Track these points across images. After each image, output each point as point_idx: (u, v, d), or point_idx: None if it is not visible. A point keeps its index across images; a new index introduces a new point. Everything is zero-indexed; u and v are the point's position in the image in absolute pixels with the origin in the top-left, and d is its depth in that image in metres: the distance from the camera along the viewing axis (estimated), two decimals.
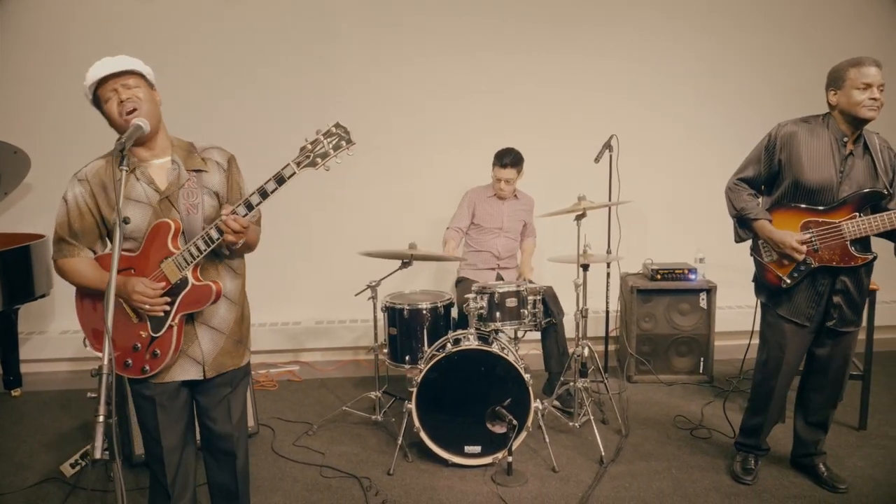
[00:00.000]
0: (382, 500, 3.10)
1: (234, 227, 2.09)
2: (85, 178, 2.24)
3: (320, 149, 2.07)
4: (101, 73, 2.11)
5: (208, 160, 2.30)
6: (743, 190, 3.08)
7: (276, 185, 2.08)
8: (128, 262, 2.21)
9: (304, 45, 4.92)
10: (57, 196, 4.79)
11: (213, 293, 2.19)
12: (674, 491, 3.15)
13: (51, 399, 4.43)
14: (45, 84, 4.77)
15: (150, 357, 2.21)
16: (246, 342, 2.44)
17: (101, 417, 1.63)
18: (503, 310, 3.56)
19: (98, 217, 2.24)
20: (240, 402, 2.45)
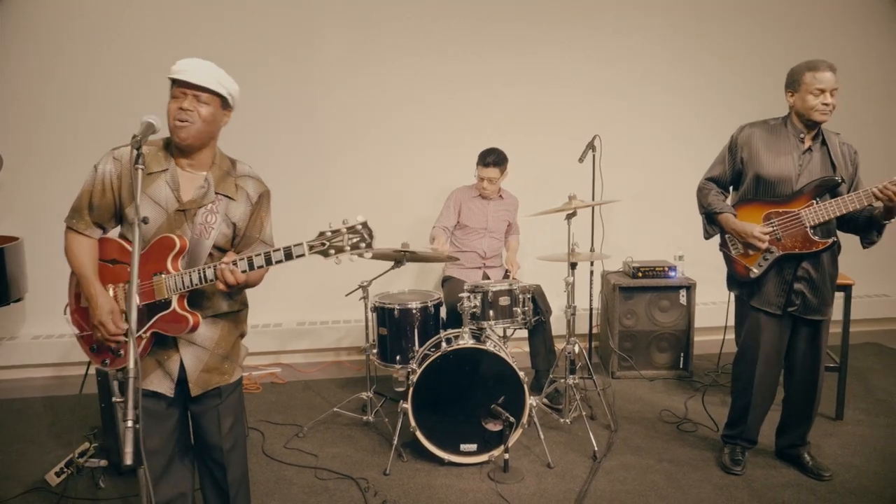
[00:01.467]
0: (382, 501, 3.09)
1: (229, 279, 2.07)
2: (120, 158, 2.20)
3: (338, 241, 2.03)
4: (182, 76, 2.08)
5: (240, 189, 2.27)
6: (710, 188, 3.26)
7: (283, 258, 2.06)
8: (126, 257, 2.19)
9: (288, 44, 4.88)
10: (26, 198, 4.69)
11: (189, 325, 2.14)
12: (667, 483, 3.22)
13: (25, 406, 4.29)
14: (15, 83, 4.62)
15: (113, 353, 2.20)
16: (235, 358, 2.37)
17: (129, 422, 1.58)
18: (496, 308, 3.59)
19: (117, 198, 2.20)
20: (230, 413, 2.38)
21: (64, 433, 3.88)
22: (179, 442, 2.35)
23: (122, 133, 4.61)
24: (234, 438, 2.38)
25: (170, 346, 2.21)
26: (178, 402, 2.29)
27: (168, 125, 2.12)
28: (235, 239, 2.30)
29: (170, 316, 2.11)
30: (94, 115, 4.71)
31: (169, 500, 2.35)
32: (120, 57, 4.71)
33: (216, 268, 2.07)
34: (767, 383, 3.28)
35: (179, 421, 2.34)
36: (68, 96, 4.70)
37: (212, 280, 2.08)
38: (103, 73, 4.72)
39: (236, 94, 2.20)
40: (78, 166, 4.66)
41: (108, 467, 3.35)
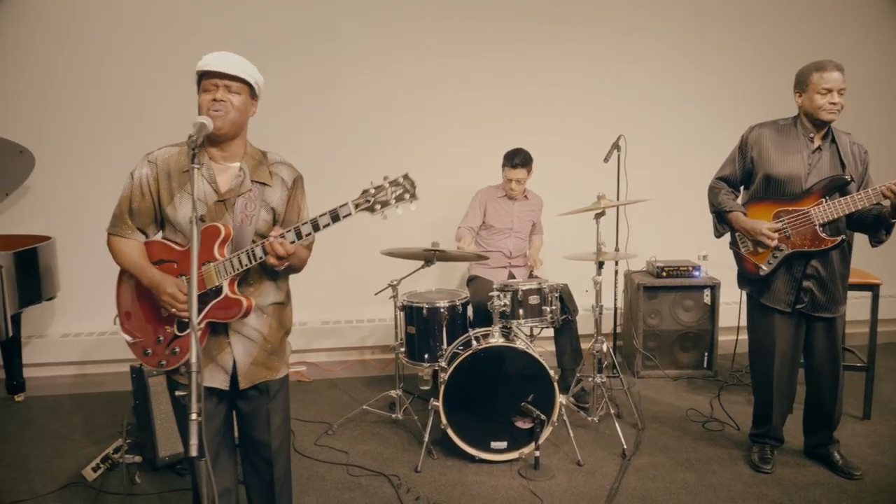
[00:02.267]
0: (416, 497, 3.12)
1: (279, 251, 2.08)
2: (154, 161, 2.24)
3: (382, 196, 2.05)
4: (213, 67, 2.12)
5: (275, 175, 2.29)
6: (721, 188, 3.32)
7: (330, 221, 2.07)
8: (174, 255, 2.22)
9: (307, 40, 4.91)
10: (57, 198, 4.76)
11: (242, 309, 2.16)
12: (698, 481, 3.24)
13: (55, 403, 4.34)
14: (45, 83, 4.68)
15: (169, 353, 2.23)
16: (281, 354, 2.39)
17: (193, 415, 1.61)
18: (526, 307, 3.62)
19: (156, 201, 2.24)
20: (279, 411, 2.41)
21: (95, 430, 3.93)
22: (225, 438, 2.38)
23: (151, 133, 4.69)
24: (281, 436, 2.41)
25: (222, 340, 2.23)
26: (226, 398, 2.32)
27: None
28: (276, 224, 2.31)
29: (223, 302, 2.14)
30: (124, 117, 4.78)
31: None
32: (149, 60, 4.76)
33: (263, 244, 2.09)
34: (786, 381, 3.31)
35: (225, 417, 2.37)
36: (100, 98, 4.76)
37: (261, 258, 2.10)
38: (134, 75, 4.77)
39: (262, 83, 2.25)
40: (108, 167, 4.77)
41: (143, 463, 3.40)
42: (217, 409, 2.30)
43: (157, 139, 4.83)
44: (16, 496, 3.17)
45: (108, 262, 5.05)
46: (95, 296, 4.87)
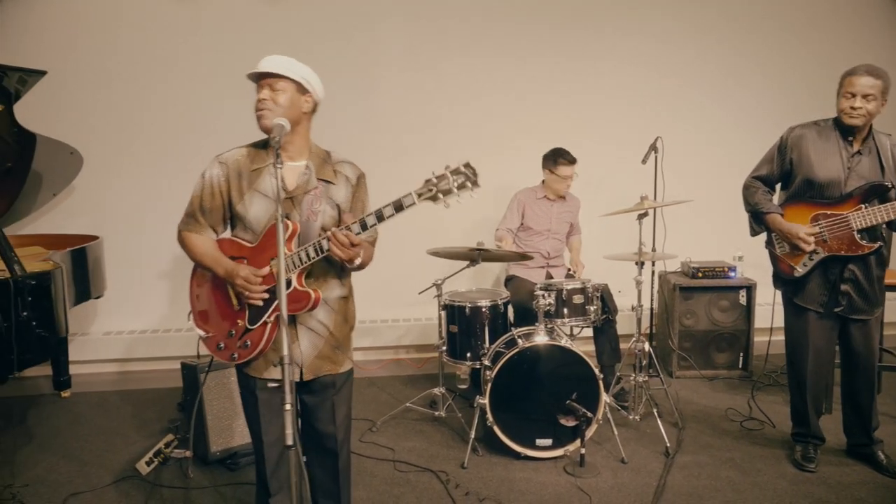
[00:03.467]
0: (465, 492, 3.18)
1: (343, 240, 2.12)
2: (225, 161, 2.31)
3: (444, 185, 2.09)
4: (256, 69, 2.22)
5: (339, 173, 2.35)
6: (758, 187, 3.34)
7: (394, 212, 2.11)
8: (244, 251, 2.29)
9: (345, 40, 4.98)
10: (99, 198, 4.84)
11: (310, 301, 2.22)
12: (742, 479, 3.27)
13: (101, 399, 4.43)
14: (94, 85, 4.77)
15: (241, 346, 2.29)
16: (346, 349, 2.45)
17: (287, 406, 1.68)
18: (570, 306, 3.67)
19: (226, 201, 2.31)
20: (344, 403, 2.47)
21: (143, 425, 4.01)
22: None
23: (195, 136, 4.81)
24: (345, 428, 2.47)
25: (289, 334, 2.29)
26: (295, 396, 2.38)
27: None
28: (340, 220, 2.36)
29: (292, 295, 2.19)
30: (169, 119, 4.89)
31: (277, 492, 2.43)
32: (196, 64, 4.87)
33: (329, 234, 2.14)
34: (819, 380, 3.34)
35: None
36: (146, 101, 4.87)
37: (328, 250, 2.15)
38: (181, 79, 4.88)
39: (312, 79, 2.29)
40: (152, 168, 4.90)
41: (194, 458, 3.47)
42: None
43: (201, 142, 4.96)
44: (74, 488, 3.25)
45: (148, 261, 5.20)
46: (136, 295, 5.00)
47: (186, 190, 4.93)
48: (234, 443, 3.50)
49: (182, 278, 4.91)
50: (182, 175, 4.78)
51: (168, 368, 4.84)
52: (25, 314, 2.89)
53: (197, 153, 4.77)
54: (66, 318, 3.33)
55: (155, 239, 4.89)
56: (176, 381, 4.48)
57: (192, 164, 4.82)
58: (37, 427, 3.98)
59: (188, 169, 4.78)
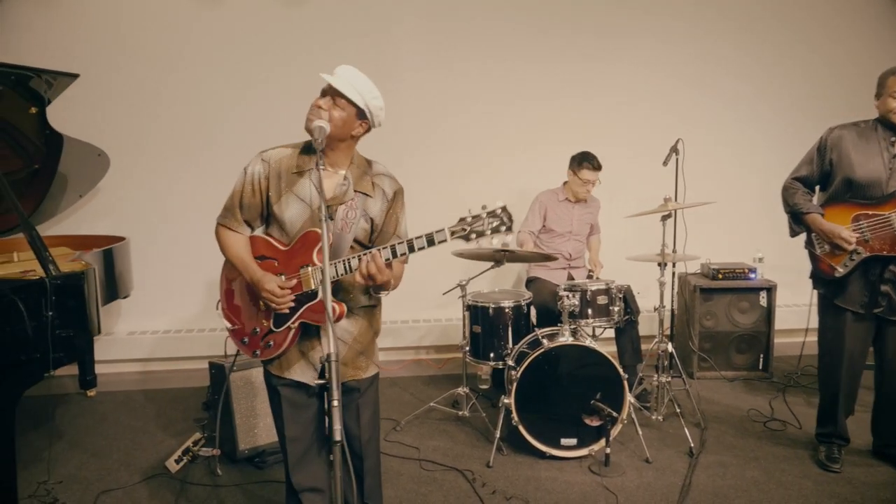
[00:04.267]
0: (492, 491, 3.20)
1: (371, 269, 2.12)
2: (268, 160, 2.33)
3: (479, 226, 2.08)
4: (329, 79, 2.21)
5: (377, 186, 2.36)
6: (797, 188, 3.35)
7: (425, 244, 2.11)
8: (275, 253, 2.32)
9: (364, 40, 5.02)
10: (123, 199, 4.87)
11: (335, 313, 2.23)
12: (767, 479, 3.29)
13: (126, 399, 4.48)
14: (117, 86, 4.82)
15: (264, 345, 2.34)
16: (370, 354, 2.47)
17: (335, 402, 1.71)
18: (594, 307, 3.69)
19: (265, 198, 2.33)
20: (369, 405, 2.49)
21: (169, 424, 4.05)
22: (317, 433, 2.46)
23: (222, 138, 4.87)
24: (371, 430, 2.50)
25: (313, 338, 2.33)
26: (318, 394, 2.42)
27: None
28: (373, 234, 2.38)
29: (317, 306, 2.23)
30: (194, 119, 4.95)
31: (303, 490, 2.46)
32: (218, 61, 4.92)
33: (360, 258, 2.16)
34: (852, 381, 3.35)
35: (318, 413, 2.45)
36: (169, 103, 4.93)
37: (355, 269, 2.17)
38: (204, 77, 4.94)
39: (376, 110, 2.27)
40: (176, 170, 4.94)
41: (221, 456, 3.51)
42: (309, 401, 2.41)
43: (225, 144, 5.00)
44: (104, 486, 3.30)
45: (171, 262, 5.23)
46: (159, 295, 5.05)
47: (210, 191, 5.02)
48: (262, 441, 3.53)
49: (205, 279, 5.04)
50: (206, 177, 4.90)
51: (191, 368, 4.90)
52: (60, 313, 2.93)
53: (221, 155, 4.91)
54: (99, 318, 3.37)
55: (178, 240, 4.96)
56: (199, 381, 4.56)
57: (216, 165, 4.93)
58: (64, 425, 4.03)
59: (212, 171, 4.91)
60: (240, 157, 5.19)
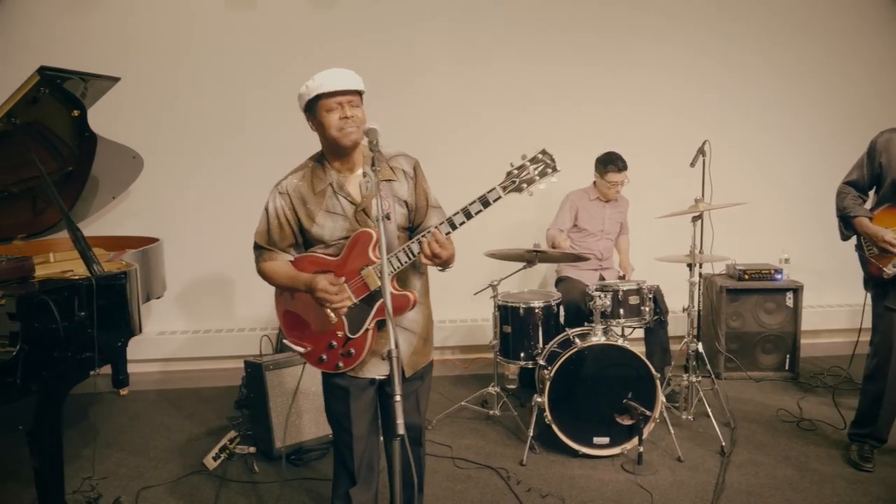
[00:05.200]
0: (527, 489, 3.24)
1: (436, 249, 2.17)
2: (285, 191, 2.34)
3: (526, 175, 2.16)
4: (334, 87, 2.20)
5: (396, 169, 2.38)
6: (848, 192, 3.38)
7: (481, 207, 2.17)
8: (328, 266, 2.32)
9: (387, 41, 5.09)
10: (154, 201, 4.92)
11: (410, 302, 2.29)
12: (800, 478, 3.31)
13: (158, 398, 4.54)
14: (148, 87, 4.89)
15: (345, 356, 2.34)
16: (431, 341, 2.53)
17: (397, 397, 1.75)
18: (626, 307, 3.73)
19: (296, 227, 2.36)
20: (426, 394, 2.55)
21: (203, 422, 4.11)
22: (374, 423, 2.52)
23: (252, 139, 4.93)
24: (424, 419, 2.56)
25: (385, 334, 2.34)
26: (375, 386, 2.46)
27: (329, 138, 2.25)
28: (410, 214, 2.41)
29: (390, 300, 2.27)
30: (224, 120, 5.02)
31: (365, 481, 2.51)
32: (247, 62, 5.01)
33: (420, 240, 2.20)
34: None
35: (376, 408, 2.50)
36: (200, 101, 5.01)
37: (418, 253, 2.20)
38: (233, 79, 5.01)
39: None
40: (206, 172, 5.00)
41: (258, 453, 3.56)
42: (373, 398, 2.45)
43: (255, 145, 5.06)
44: (144, 482, 3.36)
45: (200, 263, 5.30)
46: (188, 296, 5.12)
47: (239, 193, 5.11)
48: (298, 439, 3.58)
49: (233, 280, 5.10)
50: (235, 179, 4.97)
51: (220, 368, 4.98)
52: (105, 313, 2.98)
53: (251, 156, 4.98)
54: (140, 317, 3.42)
55: (208, 241, 5.03)
56: (229, 380, 4.63)
57: (247, 167, 4.99)
58: (99, 423, 4.10)
59: (242, 172, 4.96)
60: (271, 158, 5.27)
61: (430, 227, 2.22)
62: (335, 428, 2.53)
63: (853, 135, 4.35)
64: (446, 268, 2.32)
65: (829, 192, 3.52)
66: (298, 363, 3.59)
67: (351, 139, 2.22)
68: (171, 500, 3.19)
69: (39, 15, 4.81)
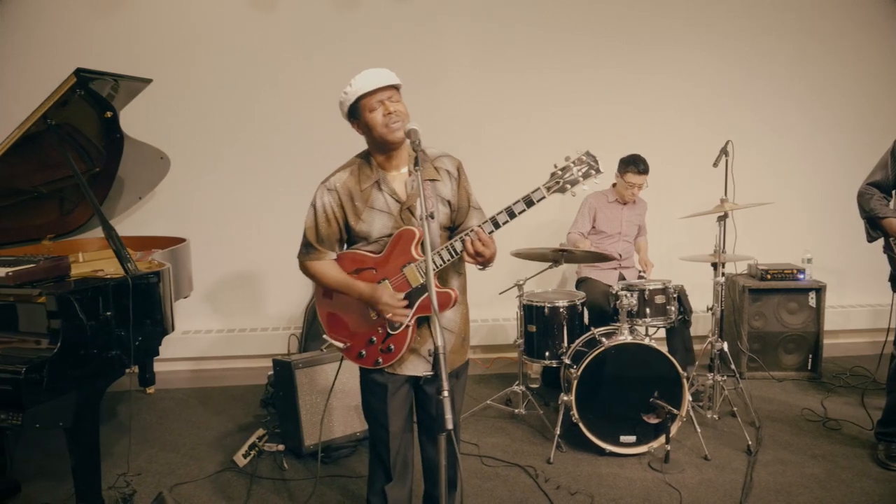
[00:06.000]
0: (556, 486, 3.26)
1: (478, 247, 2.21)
2: (334, 188, 2.37)
3: (570, 176, 2.21)
4: (375, 86, 2.24)
5: (440, 169, 2.41)
6: (872, 193, 3.38)
7: (525, 207, 2.21)
8: (371, 263, 2.37)
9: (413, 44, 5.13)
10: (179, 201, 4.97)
11: (451, 300, 2.32)
12: (827, 476, 3.32)
13: (185, 396, 4.59)
14: (175, 88, 4.94)
15: (384, 351, 2.37)
16: (468, 339, 2.57)
17: (445, 393, 1.78)
18: (652, 306, 3.75)
19: (342, 224, 2.39)
20: (461, 392, 2.60)
21: (230, 420, 4.15)
22: (408, 423, 2.55)
23: (278, 139, 4.98)
24: (459, 416, 2.58)
25: (424, 332, 2.39)
26: (412, 385, 2.50)
27: (375, 136, 2.29)
28: (452, 214, 2.45)
29: (428, 300, 2.30)
30: (250, 120, 5.09)
31: (401, 477, 2.55)
32: (274, 64, 5.07)
33: (463, 238, 2.23)
34: None
35: (411, 406, 2.54)
36: (226, 101, 5.07)
37: (461, 251, 2.24)
38: (259, 79, 5.07)
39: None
40: (232, 172, 5.05)
41: (286, 451, 3.60)
42: (409, 395, 2.49)
43: (281, 145, 5.10)
44: (176, 479, 3.40)
45: (225, 263, 5.34)
46: (213, 296, 5.17)
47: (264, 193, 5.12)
48: (327, 436, 3.61)
49: (257, 279, 5.14)
50: (259, 179, 5.02)
51: (245, 367, 5.04)
52: (140, 311, 3.03)
53: (276, 156, 5.02)
54: (172, 315, 3.47)
55: (233, 241, 5.08)
56: (254, 379, 4.68)
57: (272, 167, 5.04)
58: (128, 421, 4.14)
59: (266, 173, 5.01)
60: (295, 158, 5.31)
61: (472, 227, 2.26)
62: (372, 424, 2.56)
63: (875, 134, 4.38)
64: (486, 266, 2.35)
65: (851, 192, 3.54)
66: (327, 362, 3.63)
67: (398, 134, 2.25)
68: (204, 497, 3.24)
69: (61, 17, 4.88)
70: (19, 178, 3.59)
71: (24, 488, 3.26)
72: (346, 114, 2.36)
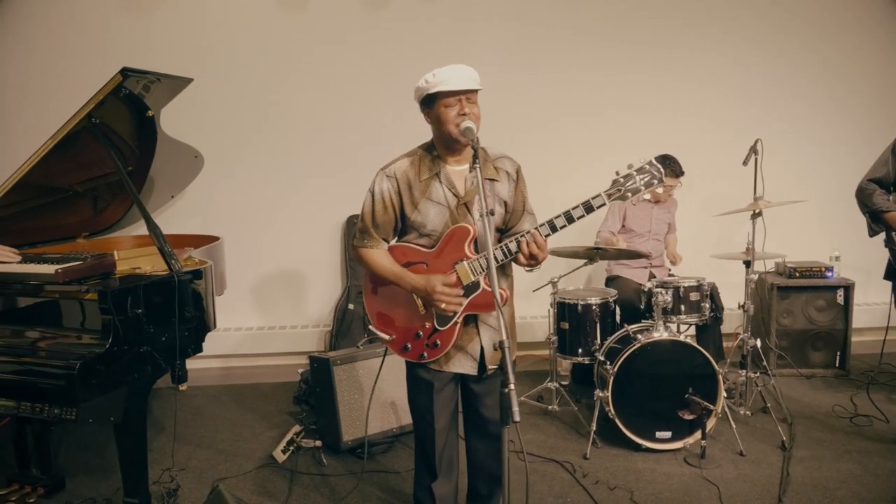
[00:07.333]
0: (594, 481, 3.29)
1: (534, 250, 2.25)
2: (393, 174, 2.40)
3: (632, 184, 2.23)
4: (457, 86, 2.26)
5: (500, 170, 2.45)
6: (873, 189, 3.45)
7: (584, 213, 2.24)
8: (422, 257, 2.40)
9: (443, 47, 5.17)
10: (210, 199, 5.00)
11: (504, 300, 2.32)
12: (863, 471, 3.34)
13: (218, 393, 4.63)
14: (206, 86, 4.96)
15: (430, 346, 2.41)
16: (515, 339, 2.59)
17: (511, 385, 1.82)
18: (687, 303, 3.78)
19: (398, 212, 2.42)
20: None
21: (265, 417, 4.20)
22: (453, 421, 2.59)
23: (310, 137, 5.02)
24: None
25: (471, 331, 2.43)
26: (457, 382, 2.53)
27: (444, 131, 2.32)
28: (507, 216, 2.48)
29: (481, 296, 2.34)
30: (281, 119, 5.13)
31: (446, 474, 2.60)
32: (305, 64, 5.11)
33: (519, 240, 2.26)
34: None
35: (457, 403, 2.58)
36: (258, 100, 5.11)
37: (516, 252, 2.28)
38: (291, 79, 5.11)
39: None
40: (263, 169, 5.11)
41: (324, 447, 3.64)
42: (454, 392, 2.53)
43: (313, 143, 5.13)
44: (217, 474, 3.44)
45: (256, 261, 5.37)
46: (244, 293, 5.21)
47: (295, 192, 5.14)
48: (365, 432, 3.64)
49: (289, 277, 5.18)
50: (292, 177, 5.06)
51: (276, 364, 5.08)
52: (185, 308, 3.08)
53: (310, 155, 5.06)
54: (215, 312, 3.52)
55: (261, 239, 5.12)
56: (284, 377, 4.72)
57: (305, 166, 5.07)
58: (164, 418, 4.18)
59: (300, 171, 5.05)
60: (328, 156, 5.33)
61: (523, 231, 2.29)
62: (418, 421, 2.60)
63: None
64: (534, 268, 2.39)
65: None
66: (365, 358, 3.67)
67: (457, 130, 2.27)
68: (246, 492, 3.27)
69: (93, 17, 4.92)
70: (57, 176, 3.62)
71: (68, 484, 3.30)
72: (419, 99, 2.38)
